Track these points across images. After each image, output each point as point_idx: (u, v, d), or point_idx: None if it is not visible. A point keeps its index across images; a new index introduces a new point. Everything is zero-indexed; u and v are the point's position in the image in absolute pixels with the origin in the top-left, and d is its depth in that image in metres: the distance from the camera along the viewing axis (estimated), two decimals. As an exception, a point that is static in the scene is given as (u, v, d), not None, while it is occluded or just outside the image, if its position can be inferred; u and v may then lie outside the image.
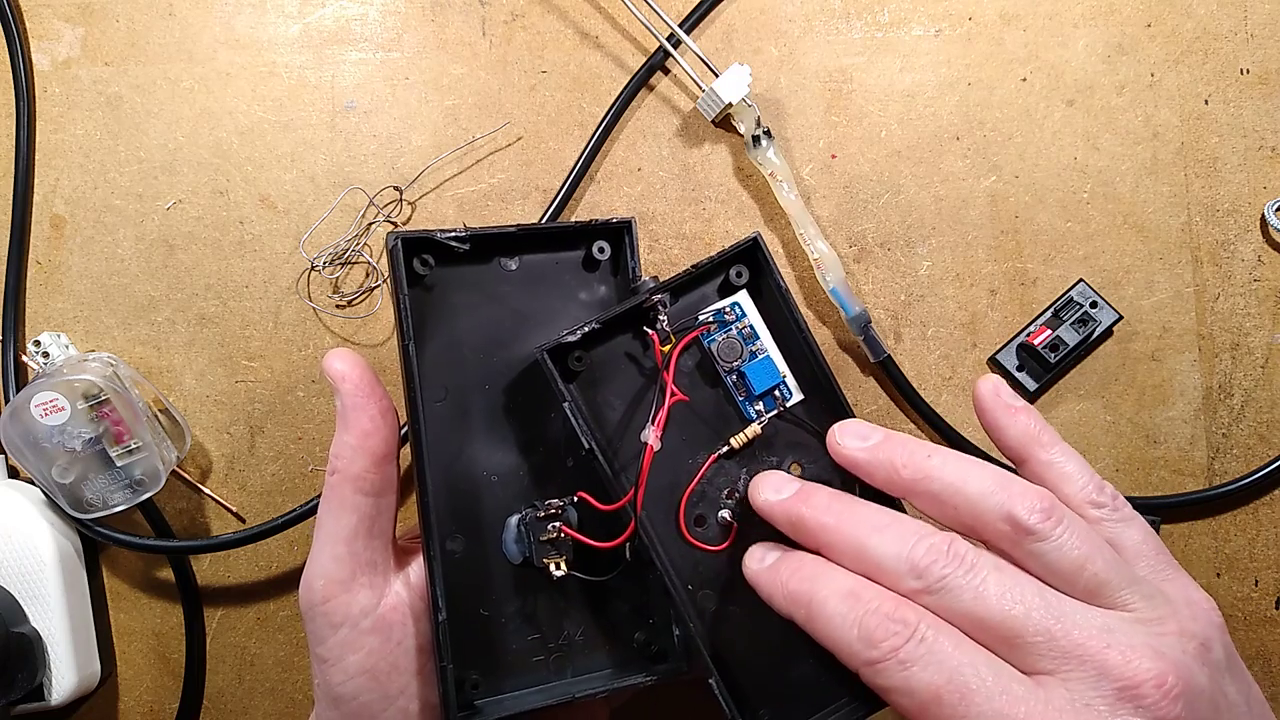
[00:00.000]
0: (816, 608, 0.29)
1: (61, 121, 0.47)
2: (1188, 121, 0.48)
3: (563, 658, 0.37)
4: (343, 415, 0.34)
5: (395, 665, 0.34)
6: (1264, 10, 0.48)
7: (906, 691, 0.26)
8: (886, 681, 0.27)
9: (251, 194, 0.47)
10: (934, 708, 0.26)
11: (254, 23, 0.47)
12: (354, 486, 0.34)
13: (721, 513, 0.37)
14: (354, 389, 0.34)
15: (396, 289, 0.34)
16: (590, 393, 0.36)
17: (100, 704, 0.46)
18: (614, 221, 0.38)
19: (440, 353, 0.37)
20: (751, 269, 0.38)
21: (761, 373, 0.37)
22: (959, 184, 0.47)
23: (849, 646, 0.27)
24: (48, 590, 0.42)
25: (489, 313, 0.37)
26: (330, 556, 0.34)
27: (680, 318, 0.37)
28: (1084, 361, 0.47)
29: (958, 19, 0.48)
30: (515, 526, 0.36)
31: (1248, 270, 0.47)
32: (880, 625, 0.27)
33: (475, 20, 0.47)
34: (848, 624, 0.28)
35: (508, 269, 0.38)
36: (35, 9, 0.47)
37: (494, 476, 0.37)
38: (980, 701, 0.25)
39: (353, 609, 0.34)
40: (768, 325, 0.38)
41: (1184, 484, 0.47)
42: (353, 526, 0.34)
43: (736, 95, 0.45)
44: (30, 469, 0.42)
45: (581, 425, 0.34)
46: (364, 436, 0.34)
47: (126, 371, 0.44)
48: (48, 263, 0.46)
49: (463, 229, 0.36)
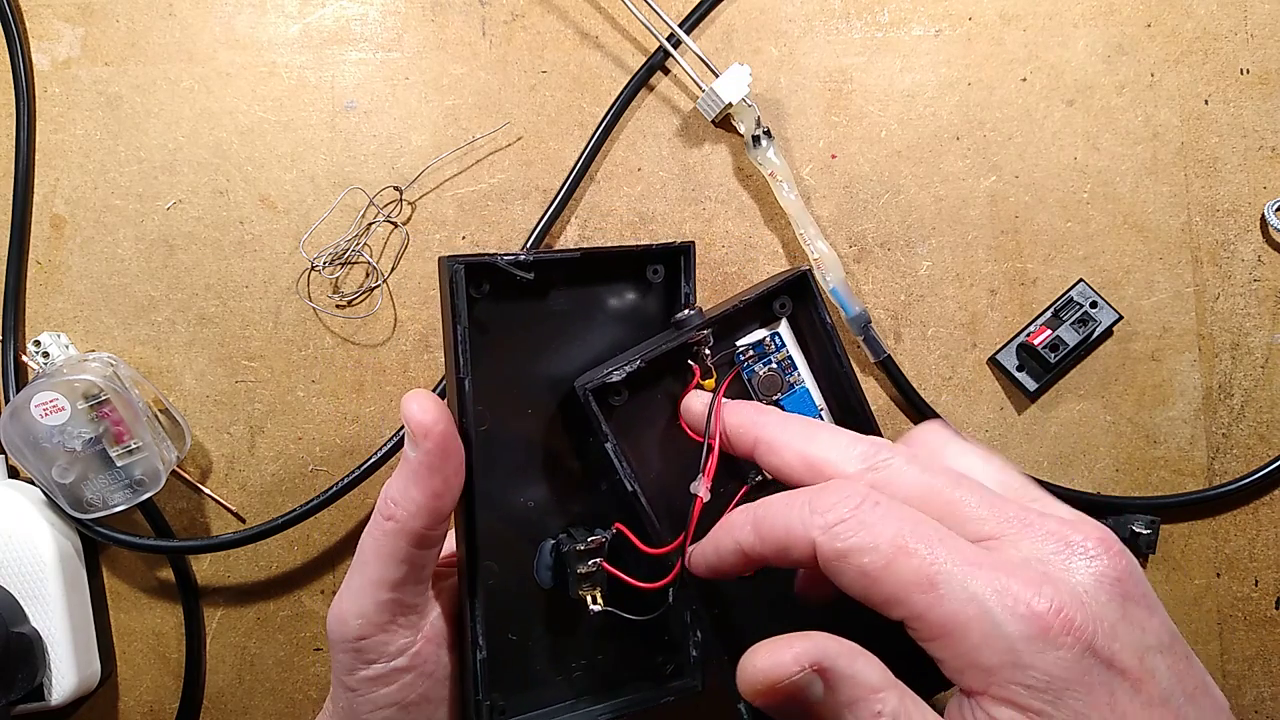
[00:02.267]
0: (760, 510, 0.28)
1: (61, 121, 0.47)
2: (1188, 121, 0.48)
3: (584, 680, 0.37)
4: (417, 471, 0.31)
5: (426, 696, 0.34)
6: (1264, 10, 0.48)
7: (868, 548, 0.25)
8: (845, 543, 0.25)
9: (251, 194, 0.47)
10: (901, 558, 0.24)
11: (254, 23, 0.47)
12: (411, 540, 0.32)
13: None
14: (435, 447, 0.31)
15: (454, 319, 0.32)
16: (626, 425, 0.35)
17: (100, 704, 0.46)
18: (674, 245, 0.36)
19: (485, 379, 0.34)
20: (794, 299, 0.37)
21: (799, 405, 0.36)
22: (959, 184, 0.47)
23: (801, 523, 0.26)
24: (48, 590, 0.42)
25: (536, 332, 0.35)
26: (373, 601, 0.32)
27: (716, 348, 0.35)
28: (1084, 361, 0.47)
29: (958, 19, 0.48)
30: (549, 553, 0.35)
31: (1248, 270, 0.47)
32: (828, 495, 0.26)
33: (475, 20, 0.47)
34: (795, 506, 0.27)
35: (558, 286, 0.36)
36: (35, 9, 0.47)
37: (530, 502, 0.36)
38: (946, 553, 0.24)
39: (389, 648, 0.33)
40: (805, 357, 0.37)
41: (1184, 484, 0.47)
42: (402, 576, 0.32)
43: (736, 95, 0.45)
44: (30, 469, 0.42)
45: (625, 468, 0.33)
46: (435, 497, 0.32)
47: (126, 371, 0.44)
48: (48, 263, 0.46)
49: (523, 254, 0.33)
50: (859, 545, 0.25)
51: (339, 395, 0.46)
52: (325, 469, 0.46)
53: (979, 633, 0.24)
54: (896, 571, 0.25)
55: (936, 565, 0.24)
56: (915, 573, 0.24)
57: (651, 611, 0.35)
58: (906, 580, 0.24)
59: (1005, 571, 0.24)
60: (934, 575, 0.24)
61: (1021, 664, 0.23)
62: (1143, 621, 0.25)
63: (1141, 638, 0.24)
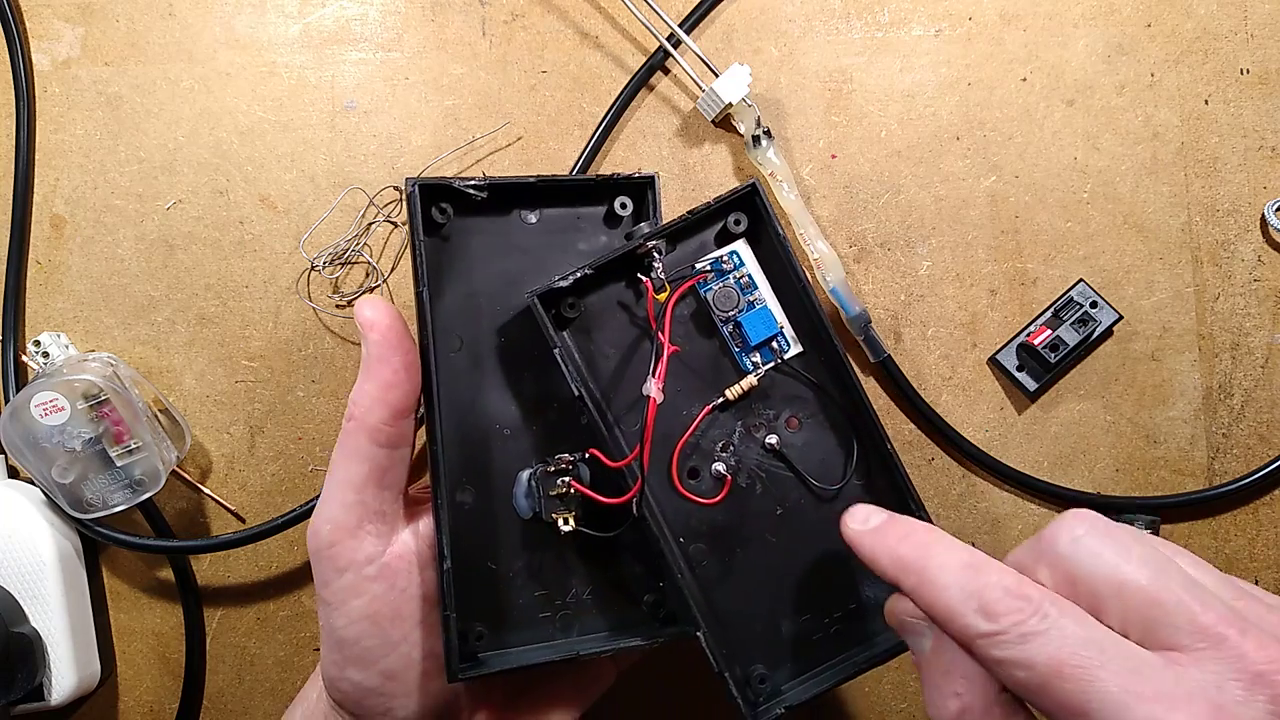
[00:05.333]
0: (930, 575, 0.27)
1: (61, 121, 0.47)
2: (1188, 121, 0.48)
3: (570, 616, 0.37)
4: (366, 363, 0.34)
5: (399, 612, 0.34)
6: (1264, 10, 0.48)
7: (1025, 664, 0.24)
8: (1004, 654, 0.25)
9: (251, 194, 0.47)
10: (1055, 681, 0.24)
11: (254, 23, 0.47)
12: (369, 436, 0.33)
13: (715, 465, 0.37)
14: (381, 338, 0.33)
15: (413, 234, 0.34)
16: (584, 340, 0.36)
17: (100, 704, 0.46)
18: (636, 176, 0.37)
19: (458, 304, 0.36)
20: (750, 217, 0.37)
21: (758, 323, 0.37)
22: (959, 184, 0.47)
23: (963, 619, 0.26)
24: (48, 590, 0.42)
25: (508, 265, 0.37)
26: (339, 503, 0.34)
27: (677, 267, 0.36)
28: (1084, 361, 0.47)
29: (958, 19, 0.48)
30: (526, 481, 0.36)
31: (1248, 270, 0.47)
32: (1001, 599, 0.25)
33: (475, 20, 0.47)
34: (965, 595, 0.26)
35: (528, 222, 0.37)
36: (35, 9, 0.47)
37: (507, 430, 0.37)
38: (1106, 676, 0.23)
39: (358, 555, 0.34)
40: (767, 276, 0.38)
41: (1184, 484, 0.47)
42: (364, 475, 0.34)
43: (736, 95, 0.45)
44: (30, 469, 0.42)
45: (571, 371, 0.34)
46: (385, 388, 0.33)
47: (126, 371, 0.44)
48: (48, 263, 0.46)
49: (482, 178, 0.35)
50: (1015, 660, 0.25)
51: (339, 395, 0.46)
52: (325, 469, 0.46)
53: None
54: (1050, 693, 0.24)
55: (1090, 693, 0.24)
56: (1068, 698, 0.24)
57: (618, 527, 0.35)
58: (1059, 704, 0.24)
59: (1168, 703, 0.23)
60: (1086, 704, 0.24)
61: None
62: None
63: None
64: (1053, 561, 0.26)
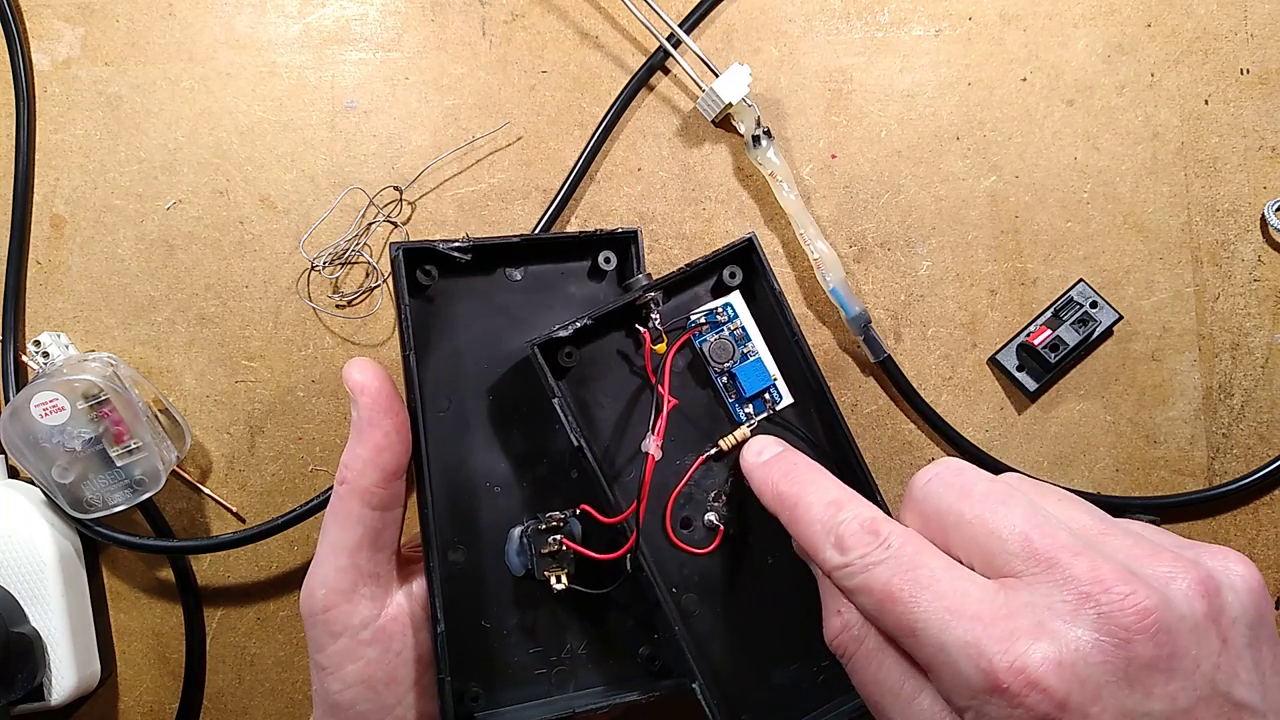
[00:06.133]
0: (800, 511, 0.30)
1: (61, 121, 0.47)
2: (1188, 121, 0.48)
3: (565, 672, 0.37)
4: (358, 427, 0.34)
5: (393, 676, 0.34)
6: (1264, 10, 0.48)
7: (866, 591, 0.27)
8: (851, 583, 0.27)
9: (251, 194, 0.47)
10: (888, 604, 0.26)
11: (254, 23, 0.47)
12: (362, 500, 0.33)
13: (708, 516, 0.37)
14: (371, 402, 0.33)
15: (398, 299, 0.34)
16: (580, 391, 0.36)
17: (100, 704, 0.46)
18: (619, 232, 0.38)
19: (444, 362, 0.36)
20: (746, 270, 0.38)
21: (752, 375, 0.37)
22: (959, 184, 0.47)
23: (822, 552, 0.29)
24: (48, 590, 0.42)
25: (494, 323, 0.37)
26: (333, 567, 0.33)
27: (672, 317, 0.37)
28: (1084, 361, 0.47)
29: (958, 19, 0.48)
30: (518, 539, 0.36)
31: (1248, 270, 0.47)
32: (854, 534, 0.28)
33: (475, 20, 0.47)
34: (825, 530, 0.29)
35: (512, 279, 0.37)
36: (35, 9, 0.47)
37: (497, 488, 0.37)
38: (929, 599, 0.25)
39: (353, 620, 0.33)
40: (759, 327, 0.38)
41: (1184, 484, 0.47)
42: (357, 539, 0.33)
43: (736, 95, 0.45)
44: (30, 469, 0.42)
45: (570, 422, 0.34)
46: (377, 451, 0.33)
47: (126, 371, 0.44)
48: (48, 263, 0.46)
49: (465, 240, 0.35)
50: (859, 587, 0.27)
51: (339, 395, 0.46)
52: (325, 469, 0.46)
53: (949, 678, 0.25)
54: (885, 616, 0.26)
55: (916, 613, 0.25)
56: (898, 619, 0.26)
57: (612, 583, 0.36)
58: (893, 625, 0.26)
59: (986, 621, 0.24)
60: (913, 623, 0.25)
61: (983, 714, 0.24)
62: (1151, 686, 0.23)
63: (1137, 704, 0.23)
64: (911, 503, 0.29)
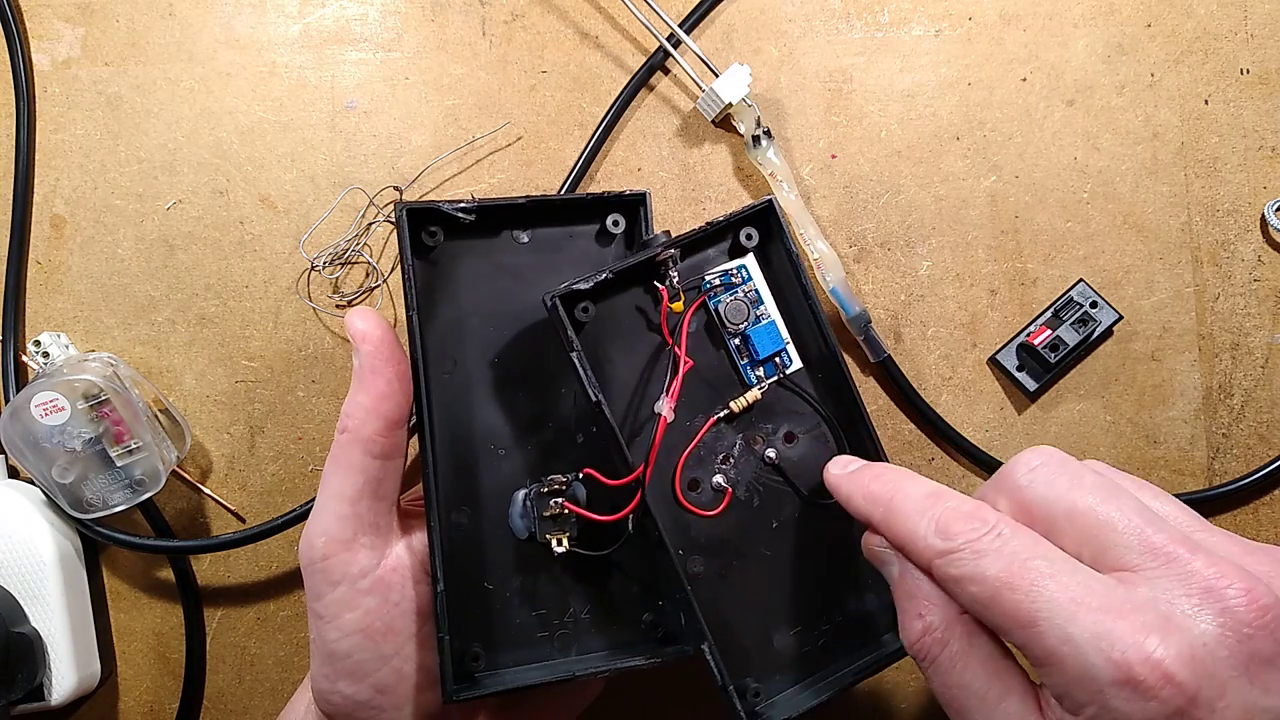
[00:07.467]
0: (896, 504, 0.29)
1: (61, 121, 0.47)
2: (1188, 121, 0.48)
3: (568, 636, 0.37)
4: (359, 375, 0.34)
5: (391, 626, 0.34)
6: (1264, 10, 0.48)
7: (978, 579, 0.26)
8: (958, 570, 0.26)
9: (251, 194, 0.47)
10: (1005, 593, 0.25)
11: (254, 23, 0.47)
12: (363, 448, 0.33)
13: (716, 478, 0.37)
14: (374, 350, 0.34)
15: (403, 260, 0.34)
16: (593, 347, 0.36)
17: (100, 704, 0.46)
18: (628, 194, 0.37)
19: (451, 324, 0.36)
20: (762, 233, 0.38)
21: (766, 337, 0.37)
22: (959, 184, 0.47)
23: (924, 539, 0.28)
24: (48, 590, 0.42)
25: (501, 286, 0.37)
26: (333, 515, 0.34)
27: (685, 278, 0.36)
28: (1084, 361, 0.47)
29: (958, 19, 0.48)
30: (521, 501, 0.36)
31: (1248, 270, 0.47)
32: (958, 520, 0.27)
33: (475, 20, 0.47)
34: (925, 519, 0.28)
35: (519, 242, 0.37)
36: (35, 9, 0.47)
37: (502, 450, 0.37)
38: (1055, 587, 0.24)
39: (351, 568, 0.33)
40: (772, 291, 0.38)
41: (1184, 484, 0.47)
42: (358, 487, 0.33)
43: (736, 95, 0.45)
44: (30, 469, 0.42)
45: (589, 377, 0.33)
46: (379, 399, 0.33)
47: (126, 371, 0.44)
48: (48, 263, 0.46)
49: (470, 199, 0.35)
50: (968, 575, 0.26)
51: (339, 395, 0.46)
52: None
53: (1073, 671, 0.24)
54: (1000, 605, 0.25)
55: (1039, 604, 0.24)
56: (1017, 609, 0.25)
57: (614, 544, 0.35)
58: (1009, 614, 0.25)
59: (1114, 614, 0.24)
60: (1034, 613, 0.24)
61: (1109, 708, 0.23)
62: (1269, 682, 0.23)
63: (1258, 699, 0.23)
64: (1010, 491, 0.28)
